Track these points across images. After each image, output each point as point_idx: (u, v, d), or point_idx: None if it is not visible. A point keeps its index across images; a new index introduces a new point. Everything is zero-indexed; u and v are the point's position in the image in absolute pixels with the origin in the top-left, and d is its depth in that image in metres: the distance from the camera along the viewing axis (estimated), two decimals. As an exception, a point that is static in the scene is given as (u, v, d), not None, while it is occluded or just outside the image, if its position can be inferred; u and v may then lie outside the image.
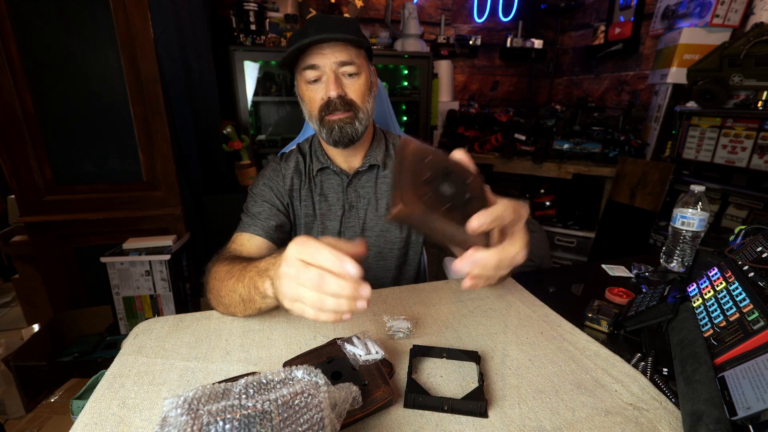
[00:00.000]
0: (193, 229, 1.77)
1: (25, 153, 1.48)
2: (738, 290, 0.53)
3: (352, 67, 0.77)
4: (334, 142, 0.80)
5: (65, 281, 1.66)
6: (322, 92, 0.78)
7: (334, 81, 0.76)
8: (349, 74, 0.78)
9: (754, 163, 1.61)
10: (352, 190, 0.88)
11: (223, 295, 0.65)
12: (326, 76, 0.77)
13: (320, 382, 0.39)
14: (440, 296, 0.76)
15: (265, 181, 0.86)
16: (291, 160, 0.88)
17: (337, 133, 0.78)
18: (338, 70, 0.77)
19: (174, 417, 0.34)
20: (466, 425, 0.46)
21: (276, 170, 0.88)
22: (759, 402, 0.39)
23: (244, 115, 2.11)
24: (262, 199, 0.85)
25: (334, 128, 0.78)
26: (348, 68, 0.77)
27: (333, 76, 0.76)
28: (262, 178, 0.87)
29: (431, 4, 2.86)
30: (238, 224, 0.84)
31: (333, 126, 0.78)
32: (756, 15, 1.83)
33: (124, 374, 0.54)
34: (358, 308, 0.41)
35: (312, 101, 0.79)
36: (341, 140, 0.79)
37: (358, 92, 0.79)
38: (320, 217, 0.87)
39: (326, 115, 0.78)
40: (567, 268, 1.05)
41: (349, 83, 0.79)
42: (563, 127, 2.42)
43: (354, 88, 0.79)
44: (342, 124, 0.78)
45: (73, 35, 1.43)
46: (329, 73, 0.76)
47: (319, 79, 0.78)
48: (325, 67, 0.76)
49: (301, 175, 0.88)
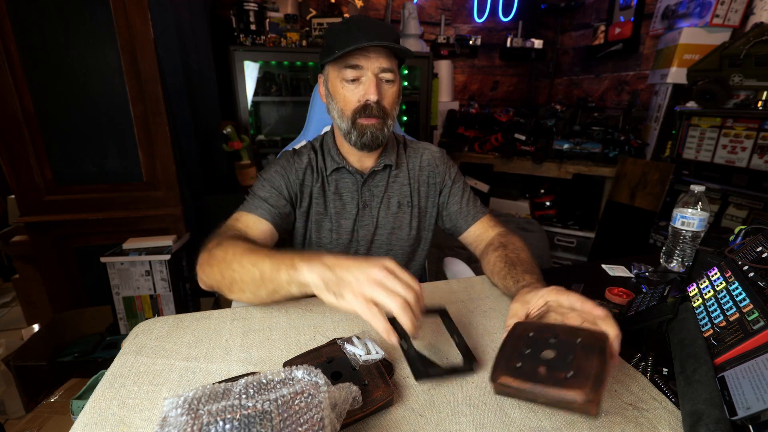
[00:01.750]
0: (193, 229, 1.77)
1: (25, 153, 1.48)
2: (738, 290, 0.53)
3: (391, 75, 0.79)
4: (362, 145, 0.81)
5: (65, 281, 1.66)
6: (359, 94, 0.78)
7: (375, 85, 0.77)
8: (387, 81, 0.79)
9: (754, 163, 1.61)
10: (366, 189, 0.89)
11: (236, 268, 0.62)
12: (367, 79, 0.77)
13: (320, 382, 0.39)
14: (440, 296, 0.76)
15: (278, 169, 0.86)
16: (304, 156, 0.88)
17: (368, 138, 0.79)
18: (379, 74, 0.78)
19: (174, 417, 0.34)
20: (466, 425, 0.46)
21: (290, 162, 0.87)
22: (759, 402, 0.39)
23: (244, 115, 2.11)
24: (271, 185, 0.84)
25: (365, 133, 0.79)
26: (387, 75, 0.78)
27: (375, 81, 0.77)
28: (275, 165, 0.87)
29: (431, 4, 2.86)
30: (242, 204, 0.83)
31: (365, 130, 0.79)
32: (756, 15, 1.83)
33: (124, 374, 0.54)
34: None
35: (347, 101, 0.79)
36: (370, 145, 0.81)
37: (391, 100, 0.81)
38: (335, 216, 0.88)
39: (359, 118, 0.79)
40: (567, 268, 1.05)
41: (386, 90, 0.80)
42: (563, 127, 2.42)
43: (389, 95, 0.80)
44: (374, 129, 0.79)
45: (73, 35, 1.43)
46: (371, 77, 0.77)
47: (357, 79, 0.78)
48: (367, 70, 0.77)
49: (313, 173, 0.87)
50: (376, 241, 0.91)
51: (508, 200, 2.71)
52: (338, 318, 0.68)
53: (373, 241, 0.91)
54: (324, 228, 0.88)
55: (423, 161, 0.94)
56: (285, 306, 0.71)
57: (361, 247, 0.90)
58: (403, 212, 0.91)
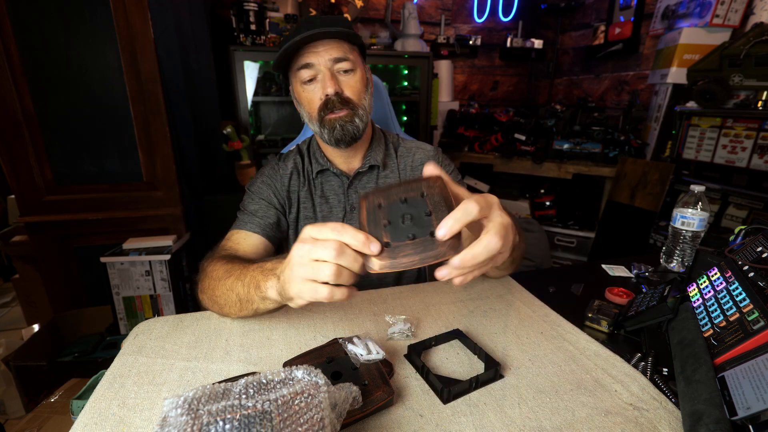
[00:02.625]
0: (193, 229, 1.77)
1: (25, 153, 1.48)
2: (738, 290, 0.53)
3: (347, 64, 0.76)
4: (336, 141, 0.78)
5: (65, 281, 1.66)
6: (319, 92, 0.77)
7: (330, 78, 0.75)
8: (345, 71, 0.77)
9: (754, 163, 1.61)
10: (353, 191, 0.87)
11: (219, 294, 0.63)
12: (322, 75, 0.76)
13: (320, 382, 0.39)
14: (440, 296, 0.76)
15: (263, 179, 0.86)
16: (289, 161, 0.88)
17: (339, 132, 0.77)
18: (333, 67, 0.76)
19: (174, 417, 0.34)
20: (466, 425, 0.46)
21: (275, 169, 0.87)
22: (759, 402, 0.39)
23: (244, 115, 2.11)
24: (259, 197, 0.84)
25: (335, 127, 0.77)
26: (343, 65, 0.76)
27: (329, 74, 0.75)
28: (261, 176, 0.87)
29: (431, 4, 2.86)
30: (234, 222, 0.83)
31: (334, 125, 0.77)
32: (756, 15, 1.83)
33: (124, 374, 0.54)
34: (372, 250, 0.43)
35: (310, 102, 0.78)
36: (343, 138, 0.78)
37: (355, 89, 0.78)
38: (321, 220, 0.86)
39: (326, 115, 0.77)
40: (567, 268, 1.05)
41: (345, 80, 0.77)
42: (563, 127, 2.42)
43: (350, 84, 0.78)
44: (343, 122, 0.76)
45: (73, 35, 1.43)
46: (324, 71, 0.75)
47: (314, 78, 0.76)
48: (319, 65, 0.75)
49: (299, 177, 0.87)
50: None
51: (508, 200, 2.72)
52: (338, 318, 0.68)
53: None
54: None
55: (416, 161, 0.92)
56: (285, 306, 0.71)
57: None
58: None
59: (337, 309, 0.71)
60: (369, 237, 0.43)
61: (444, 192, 0.46)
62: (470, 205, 0.43)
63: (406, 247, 0.43)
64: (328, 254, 0.43)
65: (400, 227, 0.44)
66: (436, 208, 0.45)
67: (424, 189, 0.47)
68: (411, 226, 0.44)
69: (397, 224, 0.45)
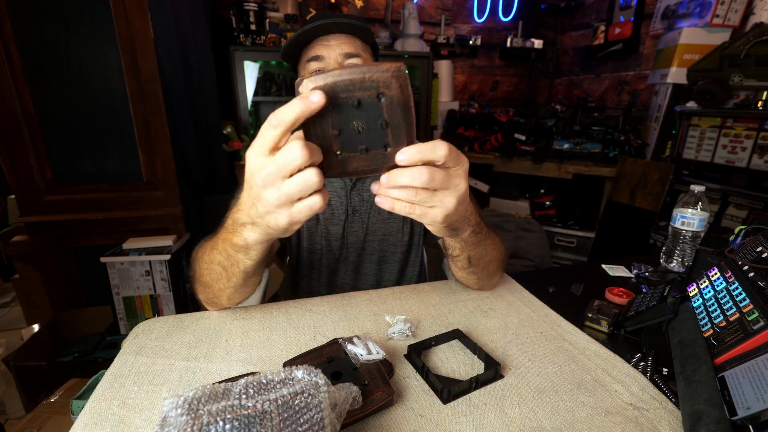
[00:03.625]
0: (193, 230, 1.77)
1: (25, 153, 1.48)
2: (738, 290, 0.53)
3: (359, 60, 0.74)
4: None
5: (65, 281, 1.66)
6: None
7: None
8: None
9: (754, 163, 1.61)
10: (355, 194, 0.86)
11: (205, 274, 0.61)
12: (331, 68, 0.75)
13: (320, 382, 0.39)
14: (440, 296, 0.76)
15: None
16: None
17: None
18: (344, 62, 0.73)
19: (174, 417, 0.34)
20: (466, 425, 0.46)
21: None
22: (759, 402, 0.39)
23: (244, 115, 2.11)
24: None
25: None
26: (354, 60, 0.73)
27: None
28: None
29: (431, 4, 2.86)
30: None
31: None
32: (756, 15, 1.83)
33: (124, 374, 0.54)
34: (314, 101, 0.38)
35: None
36: None
37: None
38: (323, 222, 0.86)
39: None
40: (567, 268, 1.05)
41: None
42: (563, 127, 2.42)
43: None
44: None
45: (73, 35, 1.43)
46: (334, 65, 0.72)
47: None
48: (330, 59, 0.73)
49: None
50: (367, 247, 0.88)
51: (508, 200, 2.72)
52: (338, 318, 0.68)
53: (364, 247, 0.88)
54: (315, 235, 0.86)
55: None
56: (285, 306, 0.71)
57: (351, 253, 0.88)
58: (394, 218, 0.87)
59: (337, 309, 0.71)
60: (313, 150, 0.39)
61: (405, 95, 0.41)
62: (441, 145, 0.40)
63: (357, 159, 0.42)
64: (290, 167, 0.39)
65: (352, 137, 0.41)
66: (393, 119, 0.41)
67: (383, 88, 0.40)
68: (364, 138, 0.41)
69: (348, 134, 0.41)
